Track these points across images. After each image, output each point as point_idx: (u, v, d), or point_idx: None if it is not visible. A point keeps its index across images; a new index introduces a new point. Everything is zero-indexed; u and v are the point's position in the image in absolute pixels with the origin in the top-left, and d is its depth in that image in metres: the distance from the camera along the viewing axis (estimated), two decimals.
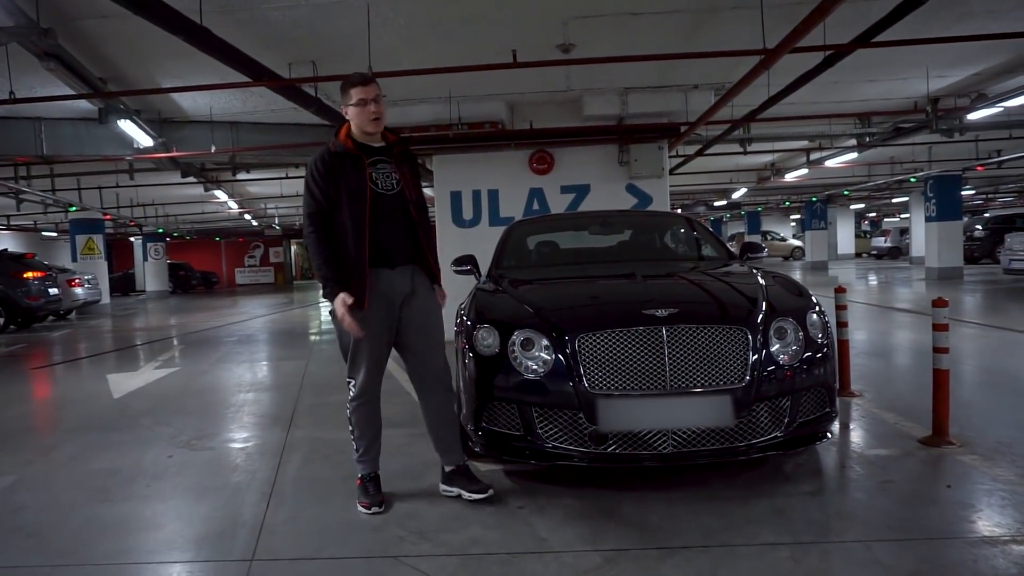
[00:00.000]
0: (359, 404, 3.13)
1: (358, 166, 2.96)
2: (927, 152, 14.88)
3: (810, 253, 26.28)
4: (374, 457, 3.22)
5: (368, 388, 3.11)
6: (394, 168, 3.05)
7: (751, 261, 4.60)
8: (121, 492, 3.56)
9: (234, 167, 10.37)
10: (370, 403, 3.15)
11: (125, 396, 6.21)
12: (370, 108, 2.95)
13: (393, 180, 3.04)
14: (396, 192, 3.03)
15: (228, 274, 36.25)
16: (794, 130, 10.78)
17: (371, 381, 3.10)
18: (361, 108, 2.96)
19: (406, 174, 3.08)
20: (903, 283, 16.36)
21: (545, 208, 9.10)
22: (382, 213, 2.99)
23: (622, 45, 6.25)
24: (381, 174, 3.01)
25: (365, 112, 2.96)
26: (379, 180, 3.00)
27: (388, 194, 3.01)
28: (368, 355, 3.05)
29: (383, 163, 3.03)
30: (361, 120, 2.98)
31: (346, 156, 2.97)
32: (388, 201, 3.01)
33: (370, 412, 3.16)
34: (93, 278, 16.68)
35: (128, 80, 6.75)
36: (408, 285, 3.10)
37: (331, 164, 2.96)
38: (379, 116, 2.99)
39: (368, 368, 3.07)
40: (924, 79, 8.33)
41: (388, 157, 3.06)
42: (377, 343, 3.06)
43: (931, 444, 3.67)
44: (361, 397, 3.12)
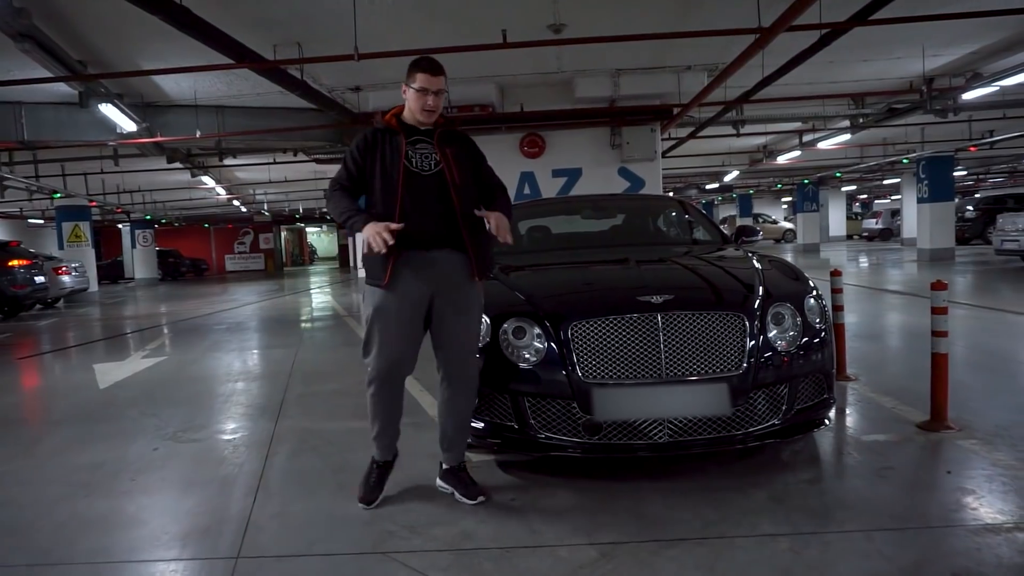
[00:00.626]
0: (376, 388, 2.95)
1: (395, 143, 2.89)
2: (920, 133, 14.82)
3: (802, 235, 26.31)
4: (386, 445, 3.06)
5: (381, 373, 2.90)
6: (436, 149, 2.91)
7: (746, 245, 4.54)
8: (105, 487, 3.47)
9: (220, 152, 10.19)
10: (383, 389, 2.94)
11: (111, 386, 6.10)
12: (428, 99, 2.85)
13: (432, 160, 2.89)
14: (433, 173, 2.88)
15: (218, 261, 35.99)
16: (788, 111, 10.68)
17: (385, 365, 2.89)
18: (420, 95, 2.85)
19: (448, 155, 2.91)
20: (895, 265, 16.37)
21: (536, 192, 9.00)
22: (415, 192, 2.85)
23: (614, 25, 6.12)
24: (419, 153, 2.90)
25: (422, 100, 2.86)
26: (415, 159, 2.88)
27: (423, 173, 2.87)
28: (381, 337, 2.88)
29: (424, 143, 2.92)
30: (416, 106, 2.88)
31: (387, 132, 2.92)
32: (423, 181, 2.87)
33: (387, 399, 2.97)
34: (80, 266, 16.48)
35: (108, 63, 6.57)
36: (443, 274, 2.90)
37: (371, 140, 2.92)
38: (434, 109, 2.89)
39: (380, 351, 2.88)
40: (920, 58, 8.24)
41: (431, 139, 2.94)
42: (394, 326, 2.87)
43: (929, 429, 3.63)
44: (373, 383, 2.94)
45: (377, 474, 3.07)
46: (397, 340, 2.89)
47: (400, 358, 2.92)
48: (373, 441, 3.08)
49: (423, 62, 2.90)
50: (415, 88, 2.85)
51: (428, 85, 2.84)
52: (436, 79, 2.86)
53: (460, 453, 3.11)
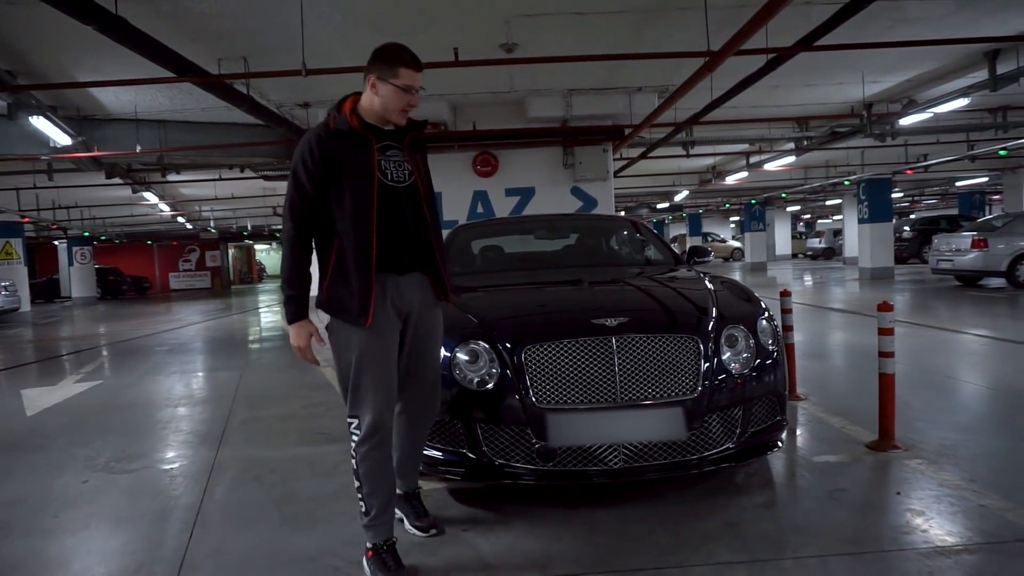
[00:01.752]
0: (369, 449, 2.43)
1: (365, 151, 2.39)
2: (860, 156, 15.36)
3: (749, 254, 26.94)
4: (390, 519, 2.52)
5: (379, 427, 2.43)
6: (407, 156, 2.51)
7: (698, 265, 4.56)
8: (24, 525, 3.22)
9: (163, 168, 9.85)
10: (382, 446, 2.47)
11: (40, 413, 5.76)
12: (411, 98, 2.39)
13: (405, 171, 2.48)
14: (408, 185, 2.48)
15: (162, 279, 34.83)
16: (736, 133, 10.93)
17: (381, 417, 2.43)
18: (403, 94, 2.37)
19: (419, 163, 2.55)
20: (838, 283, 16.86)
21: (490, 211, 8.96)
22: (391, 209, 2.44)
23: (566, 46, 6.15)
24: (392, 162, 2.46)
25: (404, 100, 2.39)
26: (389, 170, 2.44)
27: (399, 187, 2.45)
28: (375, 384, 2.42)
29: (393, 149, 2.47)
30: (393, 104, 2.39)
31: (351, 137, 2.40)
32: (399, 195, 2.45)
33: (382, 458, 2.48)
34: (11, 284, 15.73)
35: (40, 74, 6.27)
36: (416, 298, 2.54)
37: (330, 146, 2.37)
38: (409, 109, 2.45)
39: (376, 402, 2.42)
40: (860, 84, 8.54)
41: (399, 143, 2.50)
42: (384, 368, 2.45)
43: (878, 449, 3.67)
44: (371, 439, 2.43)
45: (391, 556, 2.49)
46: (388, 379, 2.48)
47: (393, 399, 2.53)
48: (372, 523, 2.49)
49: (405, 54, 2.41)
50: (398, 85, 2.36)
51: (413, 83, 2.38)
52: (420, 75, 2.42)
53: (415, 479, 2.93)
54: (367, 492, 2.47)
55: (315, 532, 2.95)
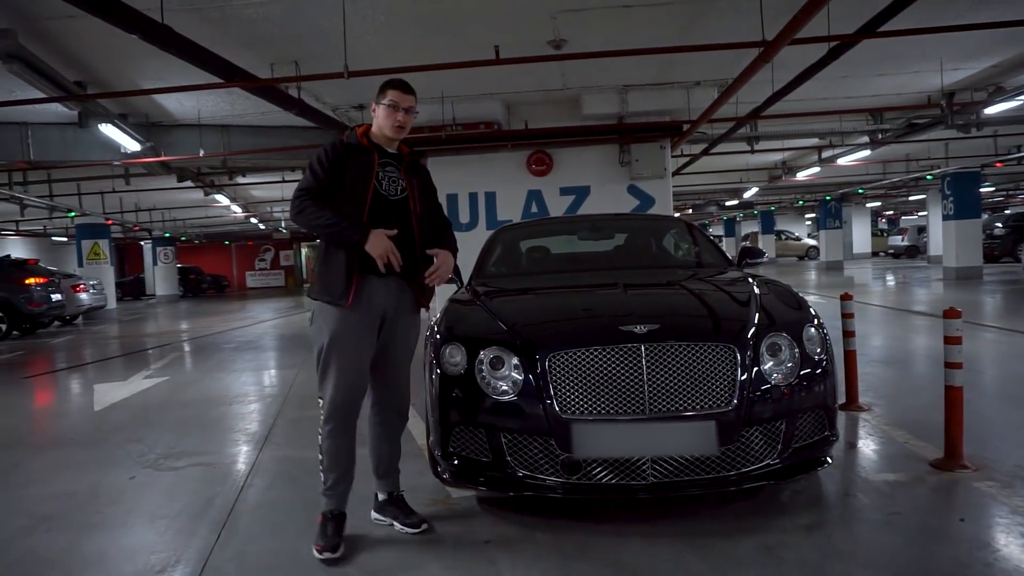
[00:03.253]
0: (330, 429, 2.78)
1: (367, 161, 2.82)
2: (944, 148, 14.43)
3: (825, 252, 25.78)
4: (341, 493, 2.85)
5: (339, 409, 2.76)
6: (402, 175, 2.91)
7: (749, 267, 4.32)
8: (69, 520, 3.33)
9: (229, 171, 10.19)
10: (343, 426, 2.80)
11: (105, 409, 6.02)
12: (398, 115, 2.83)
13: (399, 186, 2.88)
14: (399, 199, 2.87)
15: (239, 277, 36.29)
16: (803, 127, 10.43)
17: (343, 400, 2.75)
18: (390, 111, 2.82)
19: (414, 186, 2.93)
20: (920, 283, 15.90)
21: (544, 211, 8.84)
22: (380, 215, 2.78)
23: (616, 40, 5.96)
24: (388, 176, 2.86)
25: (392, 117, 2.83)
26: (384, 181, 2.84)
27: (390, 198, 2.85)
28: (340, 369, 2.74)
29: (392, 167, 2.89)
30: (386, 123, 2.84)
31: (358, 149, 2.85)
32: (389, 205, 2.83)
33: (343, 437, 2.81)
34: (98, 283, 16.63)
35: (107, 83, 6.56)
36: (393, 301, 2.85)
37: (340, 153, 2.81)
38: (403, 126, 2.87)
39: (339, 385, 2.74)
40: (938, 72, 7.97)
41: (398, 164, 2.92)
42: (351, 356, 2.76)
43: (943, 468, 3.37)
44: (331, 420, 2.77)
45: (334, 525, 2.81)
46: (356, 367, 2.79)
47: (358, 387, 2.82)
48: (326, 493, 2.84)
49: (395, 81, 2.90)
50: (385, 104, 2.82)
51: (399, 100, 2.82)
52: (407, 96, 2.86)
53: (396, 480, 3.06)
54: (325, 466, 2.85)
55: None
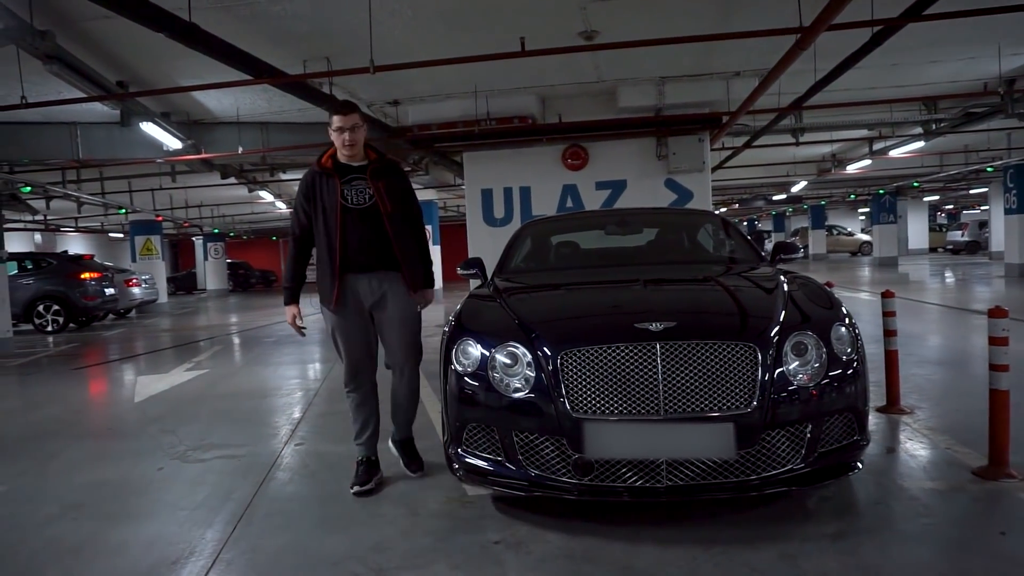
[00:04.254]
0: (350, 390, 3.50)
1: (331, 185, 3.31)
2: (1006, 139, 13.73)
3: (878, 248, 24.91)
4: (366, 441, 3.50)
5: (352, 378, 3.46)
6: (369, 184, 3.33)
7: (784, 263, 4.15)
8: (96, 509, 3.41)
9: (270, 168, 10.36)
10: (358, 391, 3.48)
11: (145, 400, 6.18)
12: (344, 136, 3.27)
13: (366, 195, 3.32)
14: (367, 206, 3.33)
15: None
16: (852, 118, 10.03)
17: (352, 372, 3.46)
18: (337, 135, 3.29)
19: (380, 189, 3.34)
20: (980, 280, 15.20)
21: (579, 205, 8.74)
22: (351, 225, 3.30)
23: (649, 30, 5.80)
24: (354, 190, 3.32)
25: (339, 139, 3.29)
26: (351, 196, 3.31)
27: (359, 208, 3.31)
28: (346, 349, 3.44)
29: (358, 180, 3.33)
30: (337, 144, 3.33)
31: (323, 175, 3.34)
32: (358, 215, 3.31)
33: (359, 399, 3.48)
34: (150, 278, 17.14)
35: (148, 82, 6.72)
36: (377, 290, 3.39)
37: (311, 184, 3.35)
38: (353, 143, 3.29)
39: (348, 361, 3.45)
40: (996, 58, 7.54)
41: (364, 174, 3.34)
42: (351, 339, 3.43)
43: (987, 476, 3.17)
44: (347, 385, 3.49)
45: (364, 468, 3.45)
46: (355, 347, 3.46)
47: (360, 359, 3.48)
48: (357, 443, 3.50)
49: (334, 105, 3.51)
50: (332, 130, 3.31)
51: (342, 124, 3.27)
52: (348, 117, 3.27)
53: (406, 428, 3.65)
54: (352, 419, 3.53)
55: (347, 535, 2.91)
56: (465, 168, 8.92)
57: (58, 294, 13.39)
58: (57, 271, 13.66)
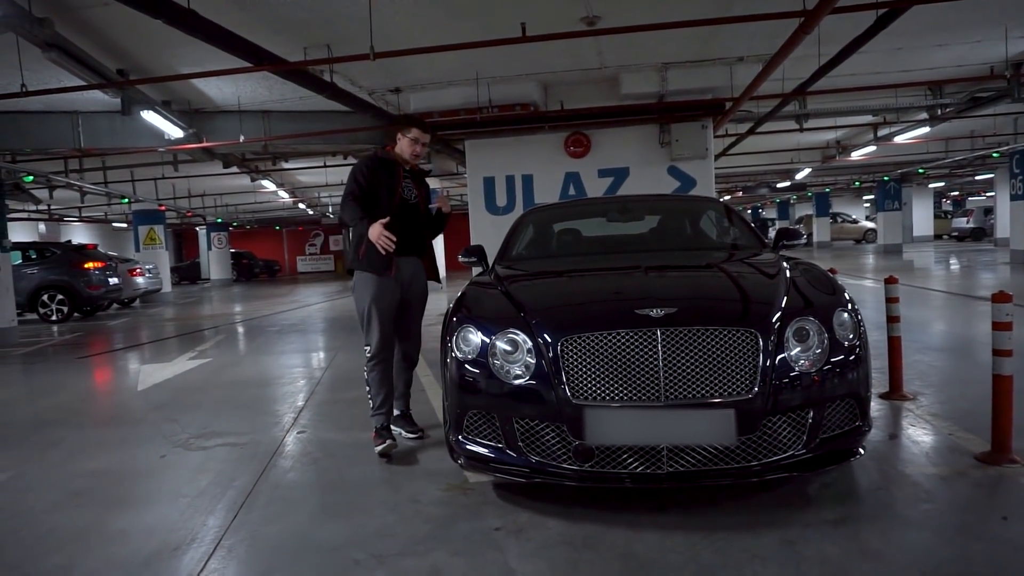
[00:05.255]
0: (374, 364, 3.79)
1: (396, 173, 3.82)
2: (1012, 124, 13.61)
3: (883, 235, 24.82)
4: (386, 412, 3.85)
5: (381, 350, 3.78)
6: (415, 185, 3.93)
7: (786, 249, 4.12)
8: (99, 496, 3.42)
9: (272, 157, 10.33)
10: (383, 363, 3.81)
11: (148, 389, 6.20)
12: (417, 148, 3.85)
13: (413, 193, 3.90)
14: (414, 203, 3.90)
15: (290, 262, 37.08)
16: (857, 103, 9.94)
17: (384, 344, 3.79)
18: (412, 144, 3.82)
19: (421, 193, 3.97)
20: (985, 267, 15.13)
21: (582, 193, 8.70)
22: (402, 213, 3.77)
23: (651, 15, 5.75)
24: (406, 186, 3.88)
25: (412, 149, 3.83)
26: (405, 190, 3.85)
27: (409, 202, 3.86)
28: (380, 322, 3.75)
29: (408, 179, 3.90)
30: (407, 152, 3.84)
31: (388, 164, 3.82)
32: (408, 207, 3.84)
33: (383, 372, 3.82)
34: (154, 267, 17.17)
35: (148, 70, 6.68)
36: (411, 272, 3.90)
37: (376, 167, 3.79)
38: (419, 156, 3.92)
39: (380, 334, 3.75)
40: (1002, 41, 7.45)
41: (412, 177, 3.94)
42: (388, 311, 3.78)
43: (989, 462, 3.16)
44: (375, 358, 3.78)
45: (385, 431, 3.82)
46: (389, 320, 3.80)
47: (391, 334, 3.84)
48: (375, 414, 3.82)
49: (418, 120, 3.97)
50: (410, 138, 3.82)
51: (422, 139, 3.85)
52: (426, 135, 3.90)
53: (405, 401, 4.11)
54: (373, 393, 3.84)
55: (348, 522, 2.92)
56: (467, 156, 8.88)
57: (62, 283, 13.42)
58: (61, 261, 13.68)
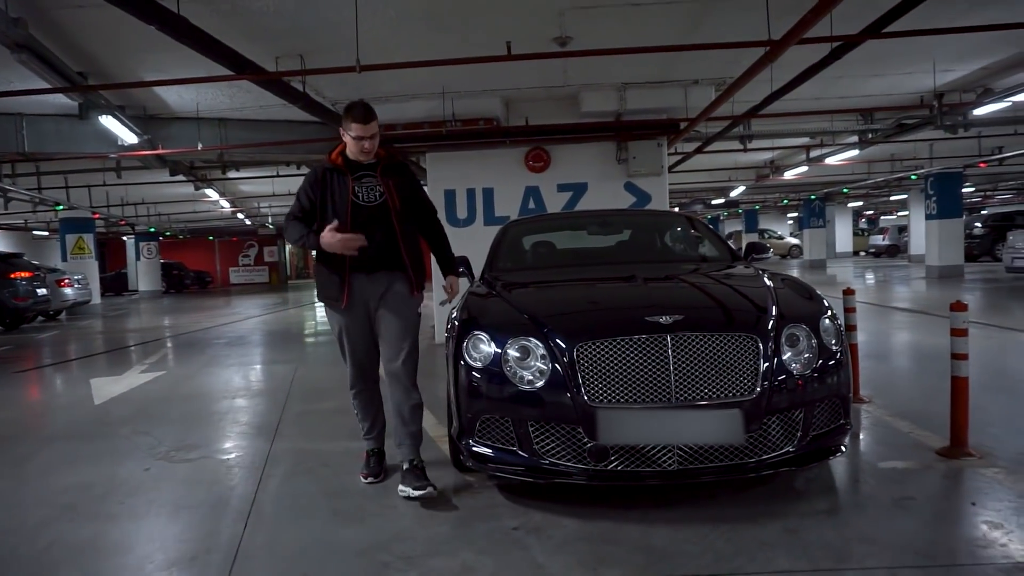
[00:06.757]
0: (356, 392, 3.52)
1: (343, 181, 3.27)
2: (928, 149, 14.69)
3: (808, 251, 26.13)
4: (376, 435, 3.59)
5: (358, 378, 3.48)
6: (379, 181, 3.30)
7: (756, 262, 4.41)
8: (92, 510, 3.34)
9: (224, 165, 10.12)
10: (364, 391, 3.51)
11: (107, 402, 5.99)
12: (364, 144, 3.21)
13: (376, 192, 3.30)
14: (378, 203, 3.29)
15: (222, 273, 35.96)
16: (796, 126, 10.57)
17: (358, 372, 3.46)
18: (356, 142, 3.21)
19: (391, 186, 3.31)
20: (903, 281, 16.20)
21: (541, 207, 8.89)
22: (361, 223, 3.23)
23: (621, 38, 6.02)
24: (365, 187, 3.29)
25: (358, 145, 3.22)
26: (361, 193, 3.27)
27: (369, 205, 3.28)
28: (352, 349, 3.42)
29: (369, 177, 3.30)
30: (353, 150, 3.26)
31: (335, 172, 3.29)
32: (368, 212, 3.27)
33: (366, 398, 3.53)
34: (83, 278, 16.43)
35: (109, 74, 6.50)
36: (379, 291, 3.33)
37: (321, 178, 3.29)
38: (370, 151, 3.26)
39: (353, 361, 3.44)
40: (931, 73, 8.13)
41: (375, 172, 3.31)
42: (356, 340, 3.39)
43: (949, 455, 3.48)
44: (353, 387, 3.51)
45: (375, 459, 3.56)
46: (361, 348, 3.43)
47: (365, 361, 3.47)
48: (365, 437, 3.58)
49: (356, 111, 3.20)
50: (352, 136, 3.21)
51: (363, 133, 3.19)
52: (368, 126, 3.20)
53: (409, 449, 3.32)
54: (360, 418, 3.58)
55: (365, 527, 2.96)
56: (428, 169, 8.95)
57: None
58: None
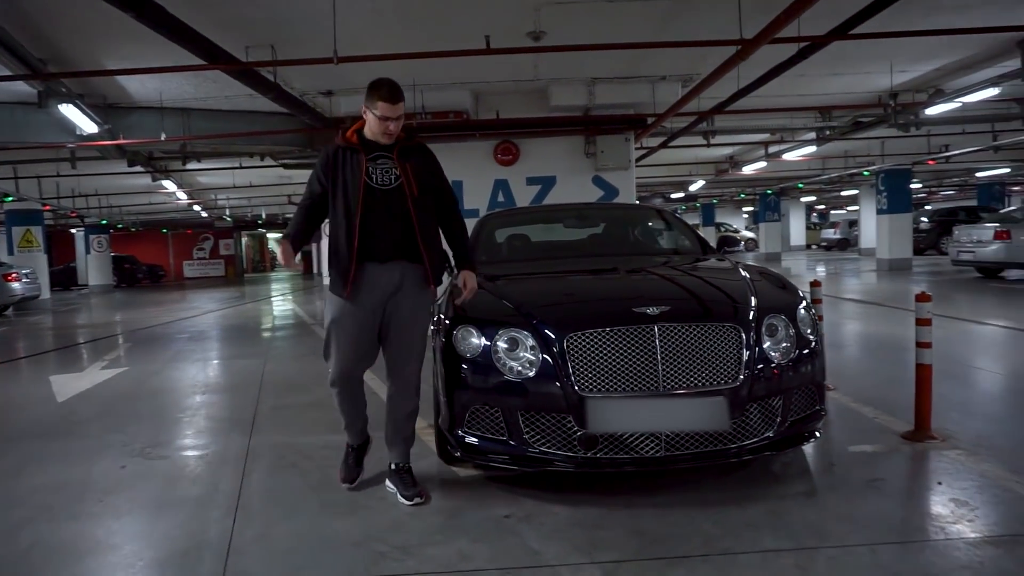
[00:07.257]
0: (336, 391, 3.22)
1: (356, 161, 3.04)
2: (880, 146, 15.20)
3: (764, 244, 26.79)
4: (357, 432, 3.35)
5: (340, 375, 3.16)
6: (396, 163, 3.05)
7: (729, 255, 4.54)
8: (70, 509, 3.26)
9: (184, 156, 9.89)
10: (344, 389, 3.21)
11: (71, 399, 5.82)
12: (388, 126, 3.00)
13: (392, 175, 3.04)
14: (394, 187, 3.03)
15: (176, 267, 35.05)
16: (757, 123, 10.85)
17: (340, 372, 3.15)
18: (381, 122, 2.99)
19: (408, 169, 3.05)
20: (856, 274, 16.74)
21: (511, 200, 8.94)
22: (374, 206, 3.01)
23: (592, 34, 6.10)
24: (380, 169, 3.04)
25: (383, 126, 3.00)
26: (375, 175, 3.03)
27: (383, 188, 3.02)
28: (339, 344, 3.11)
29: (384, 158, 3.05)
30: (376, 131, 3.03)
31: (348, 151, 3.06)
32: (383, 195, 3.02)
33: (348, 396, 3.24)
34: (31, 272, 15.81)
35: (71, 62, 6.29)
36: (394, 282, 3.08)
37: (334, 158, 3.06)
38: (394, 134, 3.04)
39: (338, 357, 3.12)
40: (887, 73, 8.44)
41: (391, 153, 3.07)
42: (351, 334, 3.08)
43: (914, 439, 3.65)
44: (334, 386, 3.20)
45: (354, 456, 3.37)
46: (352, 348, 3.11)
47: (354, 364, 3.16)
48: (345, 431, 3.36)
49: (383, 90, 2.96)
50: (377, 115, 2.98)
51: (389, 114, 2.97)
52: (396, 107, 2.97)
53: (400, 453, 3.25)
54: (340, 412, 3.29)
55: (356, 519, 2.97)
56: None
57: None
58: None
